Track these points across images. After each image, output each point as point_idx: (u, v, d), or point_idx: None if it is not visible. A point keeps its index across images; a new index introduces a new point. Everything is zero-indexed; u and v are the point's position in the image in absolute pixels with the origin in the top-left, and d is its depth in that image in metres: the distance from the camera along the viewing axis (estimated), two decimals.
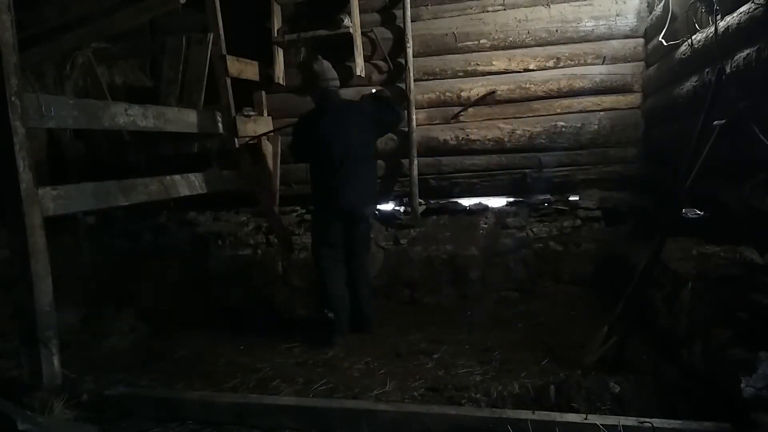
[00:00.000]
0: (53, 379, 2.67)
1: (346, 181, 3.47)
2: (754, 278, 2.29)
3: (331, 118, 3.52)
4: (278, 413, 2.39)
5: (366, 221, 3.61)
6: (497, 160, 4.65)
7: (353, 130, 3.49)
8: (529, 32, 4.46)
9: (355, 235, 3.57)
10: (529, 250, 4.27)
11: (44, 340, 2.66)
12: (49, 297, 2.70)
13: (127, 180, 3.36)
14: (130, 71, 5.11)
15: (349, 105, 3.74)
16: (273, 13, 4.64)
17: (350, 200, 3.48)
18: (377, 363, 3.01)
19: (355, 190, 3.48)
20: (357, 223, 3.55)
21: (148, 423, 2.44)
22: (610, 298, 3.16)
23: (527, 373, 2.68)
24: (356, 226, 3.56)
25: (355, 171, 3.49)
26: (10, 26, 2.54)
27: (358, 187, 3.50)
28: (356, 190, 3.49)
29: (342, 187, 3.47)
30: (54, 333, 2.70)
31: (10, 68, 2.54)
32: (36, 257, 2.63)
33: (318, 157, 3.57)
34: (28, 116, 2.64)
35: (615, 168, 4.48)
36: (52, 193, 2.77)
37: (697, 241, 3.00)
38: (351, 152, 3.47)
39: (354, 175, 3.48)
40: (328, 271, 3.57)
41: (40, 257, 2.65)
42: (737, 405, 1.95)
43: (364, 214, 3.57)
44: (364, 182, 3.56)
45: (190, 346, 3.50)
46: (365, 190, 3.57)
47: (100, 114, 3.17)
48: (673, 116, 3.59)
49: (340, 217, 3.53)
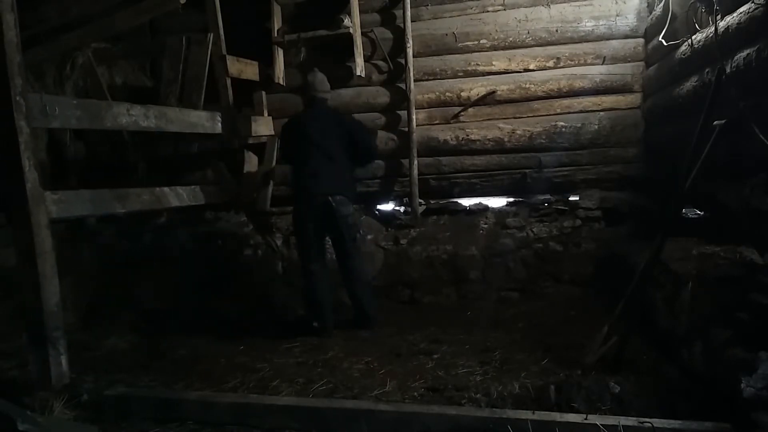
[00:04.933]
0: (61, 379, 2.69)
1: (318, 174, 3.58)
2: (754, 278, 2.29)
3: (312, 121, 3.72)
4: (278, 413, 2.39)
5: (344, 217, 3.59)
6: (497, 160, 4.65)
7: (330, 132, 3.65)
8: (529, 32, 4.46)
9: (336, 231, 3.61)
10: (529, 250, 4.27)
11: (52, 340, 2.67)
12: (56, 297, 2.71)
13: (122, 189, 3.48)
14: (130, 71, 5.12)
15: (331, 112, 3.91)
16: (273, 13, 4.64)
17: (321, 188, 3.56)
18: (377, 363, 3.01)
19: (326, 181, 3.57)
20: (341, 218, 3.56)
21: (148, 423, 2.45)
22: (610, 298, 3.16)
23: (527, 373, 2.68)
24: (340, 222, 3.57)
25: (329, 166, 3.60)
26: (14, 26, 2.54)
27: (330, 179, 3.59)
28: (328, 181, 3.58)
29: (314, 178, 3.58)
30: (61, 333, 2.72)
31: (15, 68, 2.55)
32: (43, 257, 2.64)
33: (297, 156, 3.75)
34: (33, 116, 2.65)
35: (615, 168, 4.48)
36: (53, 197, 2.79)
37: (697, 241, 3.00)
38: (326, 151, 3.60)
39: (327, 170, 3.60)
40: (311, 273, 3.66)
41: (47, 257, 2.66)
42: (737, 405, 1.95)
43: (339, 207, 3.56)
44: (338, 176, 3.62)
45: (190, 346, 3.50)
46: (337, 181, 3.62)
47: (102, 114, 3.19)
48: (673, 116, 3.59)
49: (314, 208, 3.57)
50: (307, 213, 3.62)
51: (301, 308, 4.00)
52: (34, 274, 2.61)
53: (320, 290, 3.66)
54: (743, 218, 2.63)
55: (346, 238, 3.63)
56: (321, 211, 3.56)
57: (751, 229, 2.61)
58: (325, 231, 3.67)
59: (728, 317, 2.19)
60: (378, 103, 4.73)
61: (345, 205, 3.59)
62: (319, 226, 3.62)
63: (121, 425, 2.45)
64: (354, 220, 3.79)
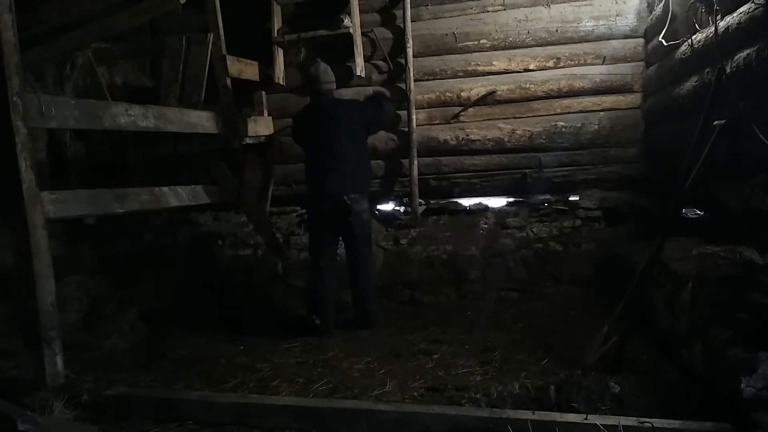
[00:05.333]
0: (56, 379, 2.68)
1: (333, 171, 3.56)
2: (754, 278, 2.29)
3: (322, 115, 3.68)
4: (278, 413, 2.39)
5: (358, 215, 3.59)
6: (497, 160, 4.65)
7: (341, 126, 3.60)
8: (529, 32, 4.46)
9: (349, 229, 3.60)
10: (529, 250, 4.27)
11: (47, 340, 2.67)
12: (51, 297, 2.70)
13: (121, 189, 3.46)
14: (130, 71, 5.12)
15: (339, 103, 3.84)
16: (273, 13, 4.64)
17: (336, 187, 3.54)
18: (377, 363, 3.01)
19: (341, 178, 3.55)
20: (349, 215, 3.55)
21: (148, 423, 2.44)
22: (610, 298, 3.16)
23: (527, 373, 2.68)
24: (349, 220, 3.56)
25: (343, 162, 3.56)
26: (11, 26, 2.54)
27: (345, 176, 3.56)
28: (343, 179, 3.55)
29: (329, 176, 3.56)
30: (57, 333, 2.71)
31: (12, 68, 2.55)
32: (38, 257, 2.63)
33: (309, 153, 3.74)
34: (30, 116, 2.65)
35: (615, 168, 4.48)
36: (51, 197, 2.79)
37: (697, 241, 2.99)
38: (339, 146, 3.57)
39: (341, 166, 3.56)
40: (318, 269, 3.66)
41: (43, 257, 2.66)
42: (737, 405, 1.95)
43: (354, 205, 3.56)
44: (352, 173, 3.59)
45: (190, 346, 3.50)
46: (352, 179, 3.59)
47: (101, 114, 3.18)
48: (673, 116, 3.59)
49: (328, 206, 3.57)
50: (321, 212, 3.62)
51: (301, 308, 3.99)
52: (30, 273, 2.61)
53: (325, 287, 3.65)
54: (743, 218, 2.63)
55: (358, 237, 3.64)
56: (334, 210, 3.56)
57: (751, 229, 2.61)
58: (338, 229, 3.65)
59: (728, 317, 2.19)
60: None
61: (359, 202, 3.59)
62: (333, 225, 3.62)
63: (121, 425, 2.45)
64: (368, 216, 3.76)
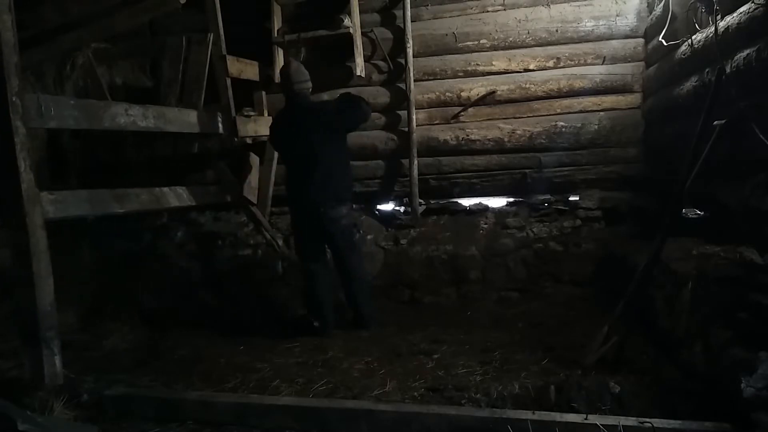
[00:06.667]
0: (55, 379, 2.68)
1: (308, 178, 3.52)
2: (754, 278, 2.29)
3: (295, 120, 3.59)
4: (278, 413, 2.39)
5: (335, 222, 3.54)
6: (497, 160, 4.64)
7: (315, 130, 3.53)
8: (529, 32, 4.46)
9: (332, 236, 3.59)
10: (529, 250, 4.27)
11: (46, 340, 2.67)
12: (50, 297, 2.70)
13: (120, 189, 3.45)
14: (130, 71, 5.11)
15: (313, 107, 3.71)
16: (273, 13, 4.63)
17: (311, 195, 3.52)
18: (377, 363, 3.01)
19: (316, 186, 3.50)
20: (330, 223, 3.53)
21: (148, 423, 2.45)
22: (610, 298, 3.16)
23: (527, 373, 2.68)
24: (330, 227, 3.55)
25: (318, 169, 3.51)
26: (11, 26, 2.54)
27: (320, 183, 3.51)
28: (318, 186, 3.50)
29: (305, 183, 3.53)
30: (55, 333, 2.71)
31: (11, 68, 2.55)
32: (37, 257, 2.64)
33: (285, 158, 3.76)
34: (29, 116, 2.65)
35: (615, 168, 4.48)
36: (50, 197, 2.79)
37: (697, 241, 2.99)
38: (313, 152, 3.51)
39: (316, 173, 3.50)
40: (310, 273, 3.66)
41: (42, 257, 2.66)
42: (737, 405, 1.95)
43: (330, 212, 3.52)
44: (327, 179, 3.52)
45: (190, 346, 3.50)
46: (331, 188, 3.54)
47: (100, 114, 3.19)
48: (673, 116, 3.58)
49: (306, 214, 3.58)
50: (301, 219, 3.65)
51: (301, 308, 4.00)
52: (29, 274, 2.61)
53: (321, 290, 3.66)
54: (743, 218, 2.63)
55: (339, 242, 3.62)
56: (312, 218, 3.55)
57: (751, 229, 2.61)
58: (319, 235, 3.63)
59: (728, 317, 2.20)
60: (378, 103, 4.72)
61: (335, 209, 3.54)
62: (314, 231, 3.61)
63: (121, 425, 2.46)
64: (348, 221, 3.72)
